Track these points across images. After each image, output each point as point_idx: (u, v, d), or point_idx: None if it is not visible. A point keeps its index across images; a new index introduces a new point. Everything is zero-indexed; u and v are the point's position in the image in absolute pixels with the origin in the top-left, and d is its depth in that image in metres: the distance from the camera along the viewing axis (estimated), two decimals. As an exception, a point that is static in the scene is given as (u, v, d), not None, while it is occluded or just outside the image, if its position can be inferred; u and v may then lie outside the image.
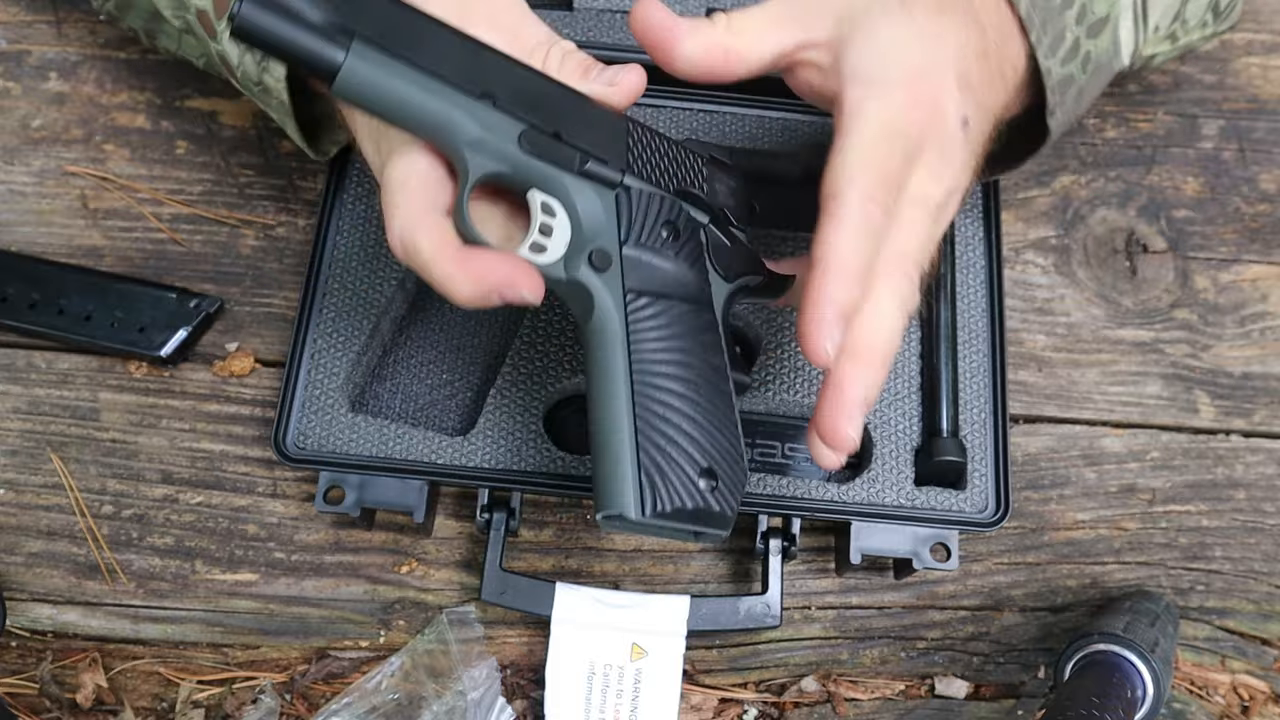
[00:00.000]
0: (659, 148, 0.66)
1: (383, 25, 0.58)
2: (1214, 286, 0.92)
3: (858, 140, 0.61)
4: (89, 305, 0.84)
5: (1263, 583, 0.84)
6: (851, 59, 0.63)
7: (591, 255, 0.62)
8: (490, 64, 0.61)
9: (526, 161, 0.61)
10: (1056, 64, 0.69)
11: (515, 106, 0.61)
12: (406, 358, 0.83)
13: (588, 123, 0.63)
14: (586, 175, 0.63)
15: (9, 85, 0.94)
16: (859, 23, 0.64)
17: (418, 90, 0.59)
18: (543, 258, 0.63)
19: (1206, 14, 0.81)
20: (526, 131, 0.61)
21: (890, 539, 0.77)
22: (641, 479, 0.59)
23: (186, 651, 0.79)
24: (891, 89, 0.62)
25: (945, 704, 0.80)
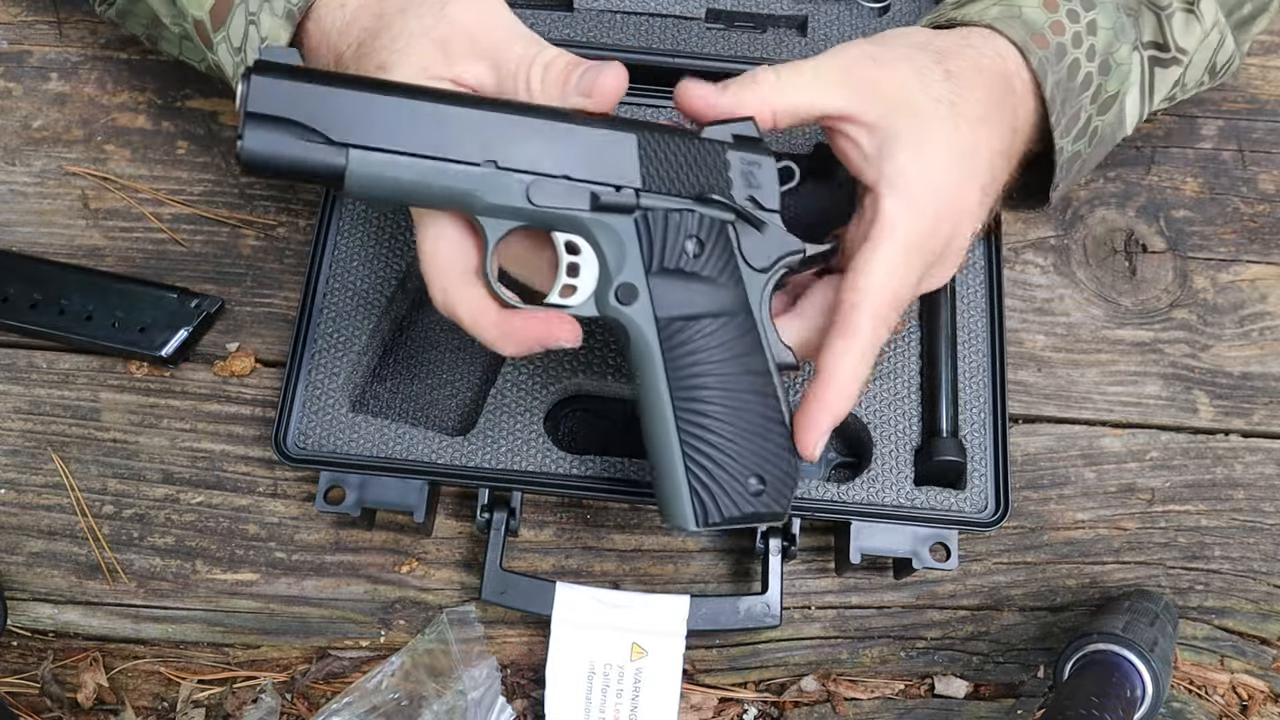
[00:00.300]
0: (674, 152, 0.65)
1: (373, 123, 0.61)
2: (1213, 287, 0.92)
3: (883, 259, 0.65)
4: (90, 305, 0.84)
5: (1261, 582, 0.84)
6: (895, 162, 0.65)
7: (618, 291, 0.65)
8: (486, 125, 0.62)
9: (540, 213, 0.63)
10: (1069, 142, 0.72)
11: (518, 161, 0.63)
12: (406, 358, 0.83)
13: (596, 151, 0.64)
14: (601, 209, 0.64)
15: (10, 86, 0.94)
16: (910, 122, 0.66)
17: (421, 176, 0.61)
18: (574, 299, 0.66)
19: (1204, 75, 0.83)
20: (533, 185, 0.63)
21: (890, 539, 0.77)
22: (694, 492, 0.65)
23: (187, 651, 0.80)
24: (924, 212, 0.65)
25: (945, 703, 0.80)
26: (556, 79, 0.64)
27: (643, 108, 0.85)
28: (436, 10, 0.66)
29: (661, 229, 0.64)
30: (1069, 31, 0.70)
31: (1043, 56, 0.69)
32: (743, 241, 0.66)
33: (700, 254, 0.65)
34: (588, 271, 0.66)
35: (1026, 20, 0.69)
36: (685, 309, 0.65)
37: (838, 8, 0.91)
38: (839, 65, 0.67)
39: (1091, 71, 0.71)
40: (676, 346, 0.65)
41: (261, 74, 0.60)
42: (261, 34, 0.71)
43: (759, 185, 0.66)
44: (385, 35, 0.67)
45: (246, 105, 0.59)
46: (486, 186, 0.62)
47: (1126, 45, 0.73)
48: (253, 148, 0.60)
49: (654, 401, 0.65)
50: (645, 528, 0.83)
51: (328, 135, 0.60)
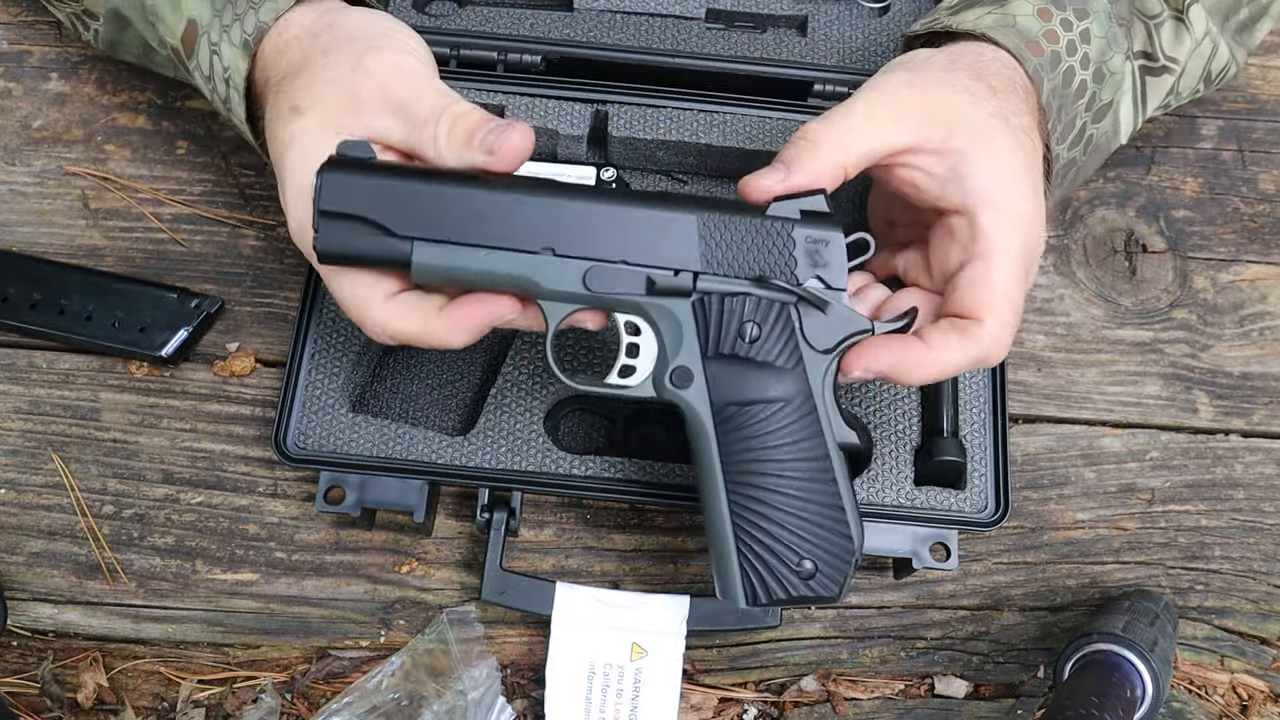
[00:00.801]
0: (736, 233, 0.65)
1: (434, 215, 0.63)
2: (1213, 287, 0.92)
3: (1002, 272, 0.65)
4: (90, 305, 0.84)
5: (1261, 582, 0.84)
6: (976, 180, 0.65)
7: (673, 375, 0.65)
8: (544, 212, 0.64)
9: (597, 298, 0.65)
10: (1064, 149, 0.73)
11: (575, 247, 0.64)
12: (406, 358, 0.83)
13: (654, 233, 0.64)
14: (657, 293, 0.65)
15: (10, 86, 0.94)
16: (974, 140, 0.66)
17: (482, 265, 0.63)
18: (633, 379, 0.68)
19: (1199, 84, 0.84)
20: (590, 271, 0.64)
21: (890, 539, 0.77)
22: (745, 572, 0.65)
23: (187, 651, 0.80)
24: (1022, 222, 0.66)
25: (945, 703, 0.80)
26: (462, 135, 0.64)
27: (643, 108, 0.85)
28: (353, 60, 0.67)
29: (718, 313, 0.65)
30: (1063, 40, 0.71)
31: (1038, 64, 0.69)
32: (805, 322, 0.65)
33: (759, 338, 0.65)
34: (647, 353, 0.67)
35: (1021, 29, 0.70)
36: (741, 395, 0.65)
37: (838, 8, 0.91)
38: (885, 101, 0.66)
39: (1086, 79, 0.72)
40: (732, 431, 0.65)
41: (332, 170, 0.63)
42: (224, 64, 0.72)
43: (825, 264, 0.65)
44: (304, 76, 0.68)
45: (318, 203, 0.62)
46: (545, 274, 0.64)
47: (1119, 54, 0.74)
48: (325, 242, 0.63)
49: (709, 482, 0.66)
50: (645, 528, 0.83)
51: (392, 229, 0.63)
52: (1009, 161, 0.66)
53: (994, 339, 0.65)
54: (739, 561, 0.65)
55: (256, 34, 0.70)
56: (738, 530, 0.65)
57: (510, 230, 0.63)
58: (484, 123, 0.64)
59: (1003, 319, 0.65)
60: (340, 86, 0.66)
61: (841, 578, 0.65)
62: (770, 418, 0.65)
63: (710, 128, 0.85)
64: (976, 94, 0.67)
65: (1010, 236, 0.65)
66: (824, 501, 0.65)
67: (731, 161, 0.86)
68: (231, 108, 0.73)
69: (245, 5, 0.71)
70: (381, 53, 0.67)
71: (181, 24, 0.74)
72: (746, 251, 0.65)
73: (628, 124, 0.85)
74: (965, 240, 0.66)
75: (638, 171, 0.89)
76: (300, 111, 0.67)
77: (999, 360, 0.66)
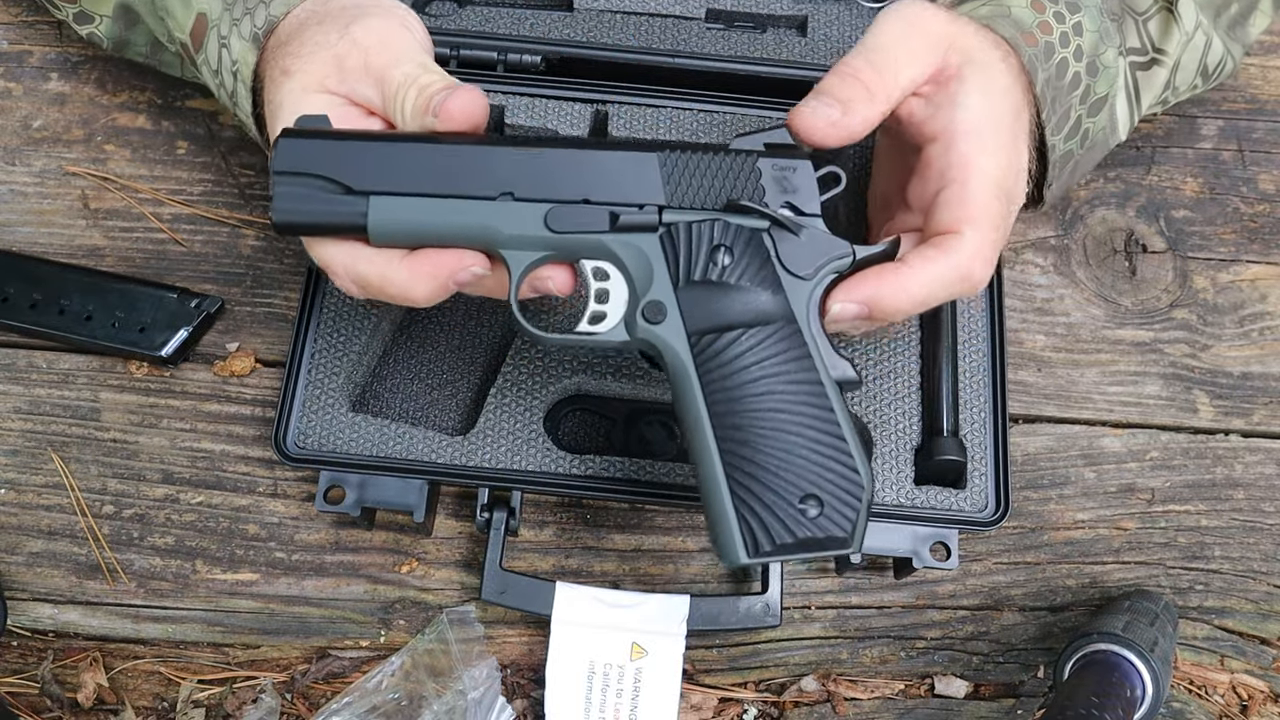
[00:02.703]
0: (700, 167, 0.64)
1: (389, 169, 0.62)
2: (1213, 287, 0.92)
3: (979, 189, 0.64)
4: (90, 305, 0.84)
5: (1261, 582, 0.84)
6: (967, 108, 0.65)
7: (645, 311, 0.63)
8: (501, 160, 0.63)
9: (561, 239, 0.63)
10: (1060, 140, 0.73)
11: (535, 190, 0.63)
12: (406, 358, 0.83)
13: (615, 173, 0.63)
14: (622, 229, 0.63)
15: (10, 86, 0.94)
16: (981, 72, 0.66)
17: (439, 215, 0.62)
18: (603, 325, 0.66)
19: (1196, 78, 0.84)
20: (551, 211, 0.63)
21: (890, 538, 0.77)
22: (743, 520, 0.60)
23: (187, 651, 0.80)
24: (1001, 151, 0.65)
25: (945, 703, 0.80)
26: (422, 102, 0.64)
27: (643, 108, 0.85)
28: (341, 28, 0.67)
29: (687, 241, 0.63)
30: (1056, 31, 0.71)
31: (1032, 54, 0.70)
32: (781, 248, 0.63)
33: (732, 266, 0.62)
34: (617, 297, 0.65)
35: (1016, 19, 0.71)
36: (718, 319, 0.62)
37: (838, 8, 0.91)
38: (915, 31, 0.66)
39: (1079, 71, 0.72)
40: (710, 360, 0.62)
41: (288, 136, 0.63)
42: (233, 57, 0.72)
43: (795, 190, 0.63)
44: (295, 42, 0.68)
45: (274, 165, 0.62)
46: (504, 218, 0.63)
47: (1112, 49, 0.74)
48: (282, 205, 0.62)
49: (693, 423, 0.62)
50: (645, 528, 0.83)
51: (347, 185, 0.62)
52: (1001, 103, 0.66)
53: (974, 251, 0.63)
54: (734, 507, 0.61)
55: (267, 27, 0.71)
56: (730, 471, 0.61)
57: (467, 179, 0.62)
58: (441, 91, 0.63)
59: (981, 231, 0.64)
60: (328, 51, 0.67)
61: (853, 515, 0.61)
62: (753, 344, 0.62)
63: (710, 128, 0.85)
64: (986, 38, 0.68)
65: (987, 160, 0.65)
66: (824, 430, 0.61)
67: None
68: (238, 101, 0.74)
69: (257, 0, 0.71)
70: (369, 20, 0.67)
71: (191, 18, 0.74)
72: (712, 183, 0.63)
73: (628, 124, 0.85)
74: (941, 167, 0.65)
75: (638, 171, 0.88)
76: (289, 74, 0.67)
77: (984, 279, 0.64)
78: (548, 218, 0.63)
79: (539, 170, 0.63)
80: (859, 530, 0.61)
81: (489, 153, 0.63)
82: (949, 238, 0.64)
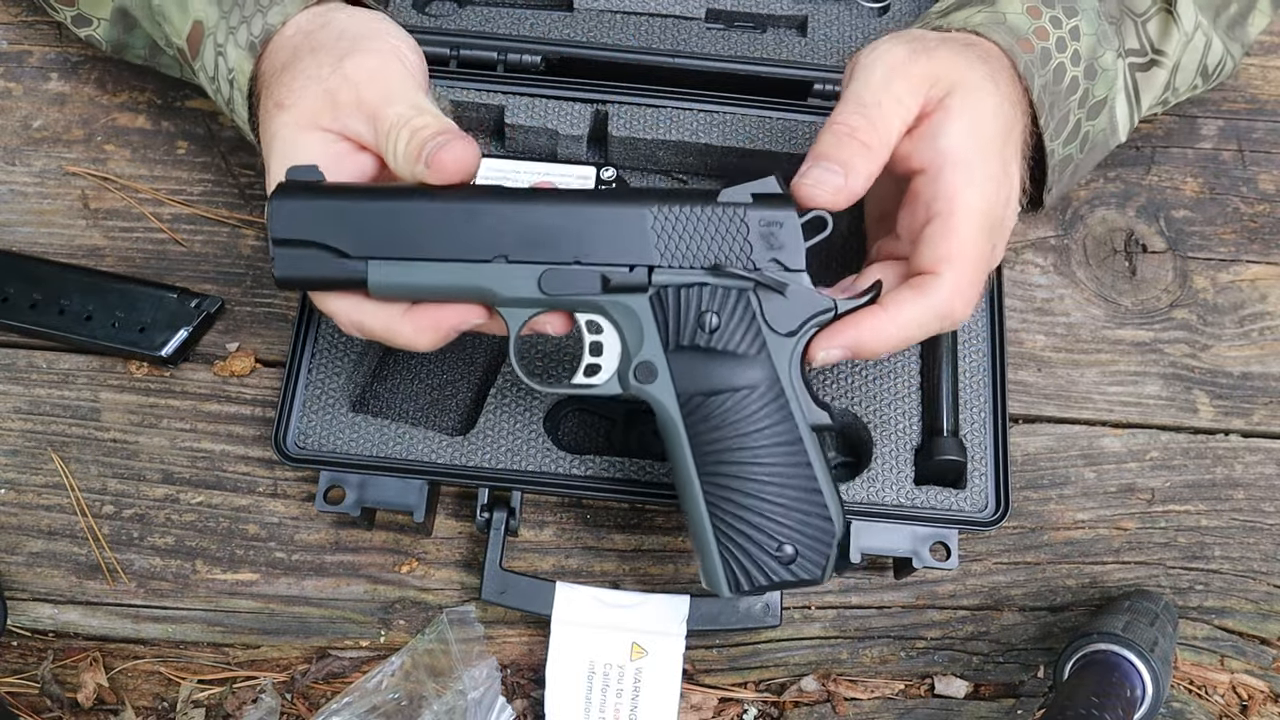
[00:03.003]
0: (687, 223, 0.64)
1: (385, 233, 0.64)
2: (1213, 287, 0.92)
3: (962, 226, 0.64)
4: (90, 305, 0.84)
5: (1261, 582, 0.84)
6: (951, 136, 0.65)
7: (637, 371, 0.66)
8: (494, 219, 0.64)
9: (554, 300, 0.65)
10: (1059, 145, 0.73)
11: (528, 252, 0.64)
12: (407, 358, 0.83)
13: (607, 230, 0.64)
14: (614, 290, 0.65)
15: (10, 86, 0.94)
16: (968, 98, 0.66)
17: (436, 278, 0.64)
18: (598, 378, 0.68)
19: (1196, 79, 0.84)
20: (545, 274, 0.64)
21: (890, 538, 0.77)
22: (726, 562, 0.65)
23: (187, 651, 0.80)
24: (988, 182, 0.66)
25: (945, 703, 0.80)
26: (414, 149, 0.64)
27: (643, 108, 0.85)
28: (335, 61, 0.67)
29: (676, 305, 0.65)
30: (1053, 37, 0.71)
31: (1028, 60, 0.70)
32: (766, 307, 0.65)
33: (719, 326, 0.64)
34: (610, 350, 0.67)
35: (1011, 26, 0.70)
36: (706, 385, 0.65)
37: (838, 8, 0.91)
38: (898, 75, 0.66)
39: (1077, 76, 0.72)
40: (699, 421, 0.65)
41: (282, 197, 0.63)
42: (229, 65, 0.72)
43: (781, 245, 0.65)
44: (289, 73, 0.68)
45: (272, 231, 0.63)
46: (500, 281, 0.64)
47: (1110, 51, 0.74)
48: (282, 269, 0.64)
49: (682, 473, 0.66)
50: (645, 528, 0.83)
51: (345, 251, 0.63)
52: (989, 127, 0.66)
53: (953, 291, 0.64)
54: (719, 551, 0.65)
55: (264, 36, 0.71)
56: (715, 519, 0.65)
57: (462, 241, 0.64)
58: (434, 136, 0.63)
59: (960, 271, 0.64)
60: (320, 86, 0.67)
61: (824, 560, 0.66)
62: (738, 406, 0.65)
63: (710, 128, 0.85)
64: (970, 59, 0.68)
65: (973, 194, 0.65)
66: (800, 485, 0.65)
67: (732, 161, 0.86)
68: (235, 109, 0.74)
69: (253, 8, 0.71)
70: (363, 55, 0.67)
71: (188, 25, 0.74)
72: (700, 241, 0.64)
73: (628, 124, 0.85)
74: (928, 199, 0.66)
75: (638, 171, 0.89)
76: (283, 108, 0.67)
77: (964, 317, 0.65)
78: (541, 280, 0.64)
79: (531, 230, 0.64)
80: (829, 568, 0.66)
81: (483, 211, 0.64)
82: (927, 279, 0.65)
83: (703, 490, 0.65)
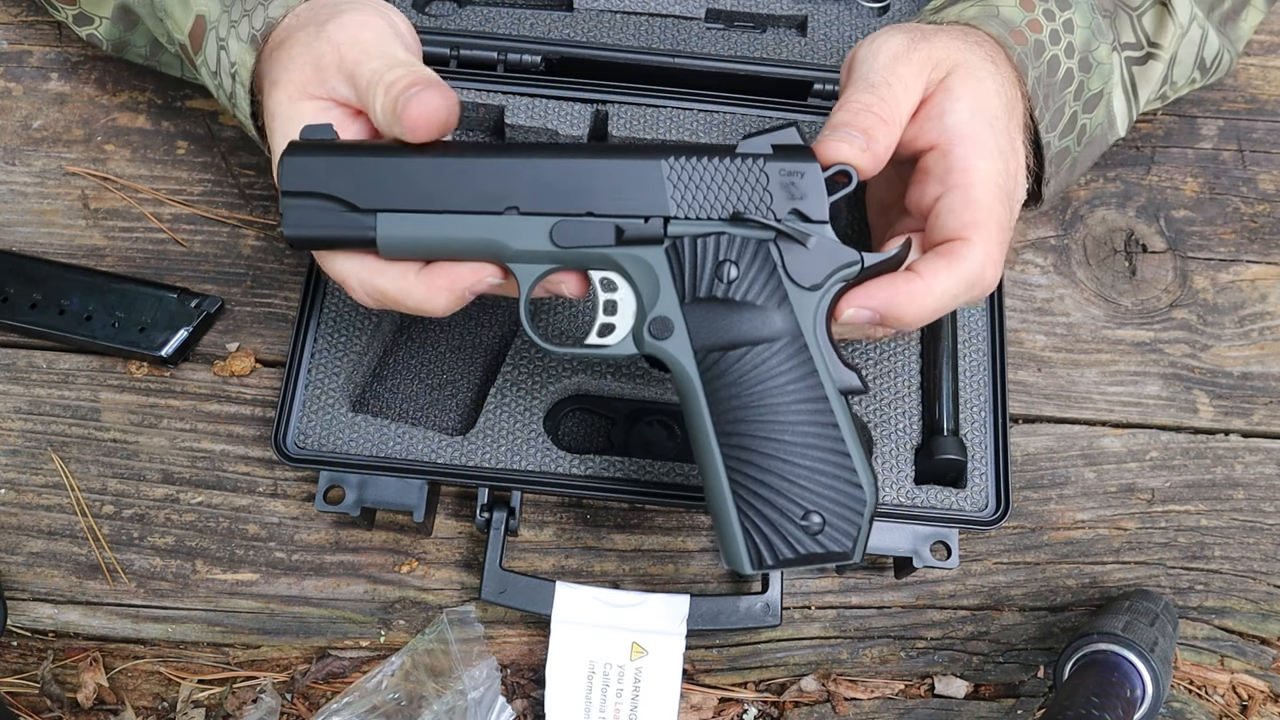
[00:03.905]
0: (705, 174, 0.62)
1: (394, 185, 0.62)
2: (1213, 287, 0.92)
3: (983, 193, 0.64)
4: (90, 305, 0.84)
5: (1261, 582, 0.84)
6: (957, 114, 0.65)
7: (651, 326, 0.63)
8: (505, 172, 0.63)
9: (566, 253, 0.63)
10: (1055, 137, 0.73)
11: (539, 203, 0.63)
12: (406, 358, 0.83)
13: (620, 183, 0.63)
14: (628, 242, 0.63)
15: (10, 86, 0.94)
16: (969, 78, 0.66)
17: (446, 231, 0.62)
18: (612, 338, 0.66)
19: (1194, 72, 0.84)
20: (556, 225, 0.63)
21: (890, 537, 0.77)
22: (748, 533, 0.62)
23: (187, 651, 0.80)
24: (998, 154, 0.65)
25: (945, 703, 0.80)
26: (389, 104, 0.63)
27: (643, 108, 0.85)
28: (318, 27, 0.67)
29: (692, 256, 0.62)
30: (1046, 29, 0.71)
31: (1021, 52, 0.70)
32: (788, 259, 0.62)
33: (738, 277, 0.62)
34: (625, 309, 0.65)
35: (1004, 18, 0.71)
36: (724, 338, 0.62)
37: (837, 8, 0.91)
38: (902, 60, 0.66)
39: (1072, 68, 0.72)
40: (717, 378, 0.62)
41: (292, 154, 0.63)
42: (231, 59, 0.72)
43: (803, 195, 0.62)
44: (281, 50, 0.68)
45: (281, 184, 0.62)
46: (510, 233, 0.63)
47: (1105, 45, 0.74)
48: (291, 225, 0.63)
49: (700, 437, 0.63)
50: (645, 528, 0.83)
51: (354, 203, 0.62)
52: (992, 103, 0.67)
53: (985, 255, 0.63)
54: (739, 522, 0.62)
55: (265, 29, 0.71)
56: (735, 487, 0.61)
57: (472, 193, 0.62)
58: (406, 89, 0.62)
59: (989, 234, 0.63)
60: (307, 54, 0.66)
61: (854, 531, 0.61)
62: (758, 361, 0.61)
63: (710, 128, 0.85)
64: (969, 43, 0.68)
65: (985, 164, 0.65)
66: (827, 447, 0.61)
67: (731, 161, 0.86)
68: (237, 103, 0.74)
69: (255, 1, 0.71)
70: (344, 16, 0.67)
71: (190, 20, 0.74)
72: (718, 191, 0.62)
73: (628, 124, 0.85)
74: (940, 173, 0.65)
75: (638, 171, 0.89)
76: (276, 84, 0.67)
77: (994, 283, 0.64)
78: (553, 232, 0.63)
79: (543, 182, 0.62)
80: (861, 542, 0.62)
81: (492, 165, 0.63)
82: (958, 244, 0.63)
83: (721, 454, 0.62)
